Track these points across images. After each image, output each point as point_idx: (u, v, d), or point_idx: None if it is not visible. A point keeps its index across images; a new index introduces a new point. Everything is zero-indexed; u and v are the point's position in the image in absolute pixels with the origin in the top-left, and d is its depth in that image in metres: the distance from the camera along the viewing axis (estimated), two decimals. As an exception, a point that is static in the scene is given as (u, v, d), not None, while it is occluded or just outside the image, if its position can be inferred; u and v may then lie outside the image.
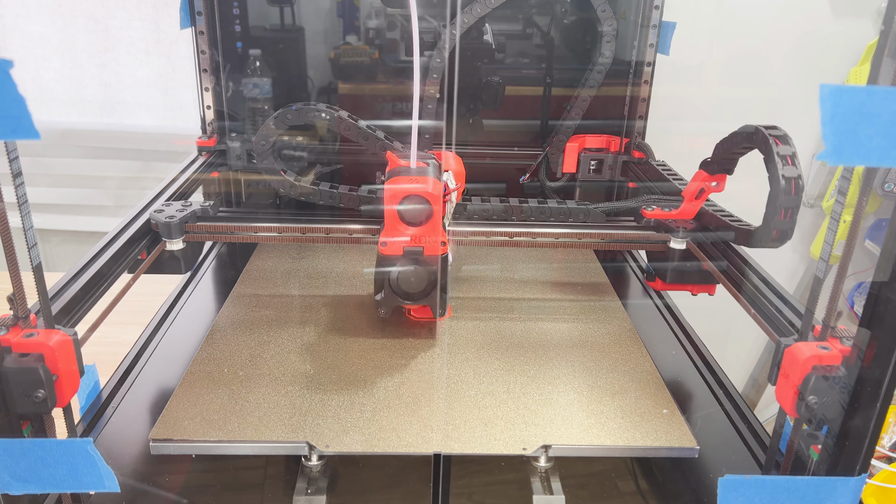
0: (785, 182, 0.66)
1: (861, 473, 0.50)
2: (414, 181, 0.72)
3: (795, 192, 0.66)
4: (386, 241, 0.73)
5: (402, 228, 0.73)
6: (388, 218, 0.73)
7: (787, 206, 0.67)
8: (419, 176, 0.73)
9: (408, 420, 0.65)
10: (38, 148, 1.55)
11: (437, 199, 0.72)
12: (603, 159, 1.14)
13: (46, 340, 0.50)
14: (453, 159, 0.82)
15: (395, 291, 0.75)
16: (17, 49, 1.48)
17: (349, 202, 0.87)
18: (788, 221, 0.68)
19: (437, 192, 0.72)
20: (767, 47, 1.44)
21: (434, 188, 0.72)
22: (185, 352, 0.80)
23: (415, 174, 0.74)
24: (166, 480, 0.63)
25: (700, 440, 0.64)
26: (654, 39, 1.10)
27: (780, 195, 0.66)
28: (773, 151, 0.67)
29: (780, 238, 0.69)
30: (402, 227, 0.73)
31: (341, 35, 1.13)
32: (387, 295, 0.75)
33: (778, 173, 0.66)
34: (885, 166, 0.40)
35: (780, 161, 0.66)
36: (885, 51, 0.45)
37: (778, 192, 0.66)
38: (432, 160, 0.79)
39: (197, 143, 1.10)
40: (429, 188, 0.72)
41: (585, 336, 0.82)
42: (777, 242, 0.70)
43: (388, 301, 0.75)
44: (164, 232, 0.80)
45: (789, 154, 0.67)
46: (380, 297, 0.75)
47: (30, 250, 0.48)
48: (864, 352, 0.48)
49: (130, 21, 1.47)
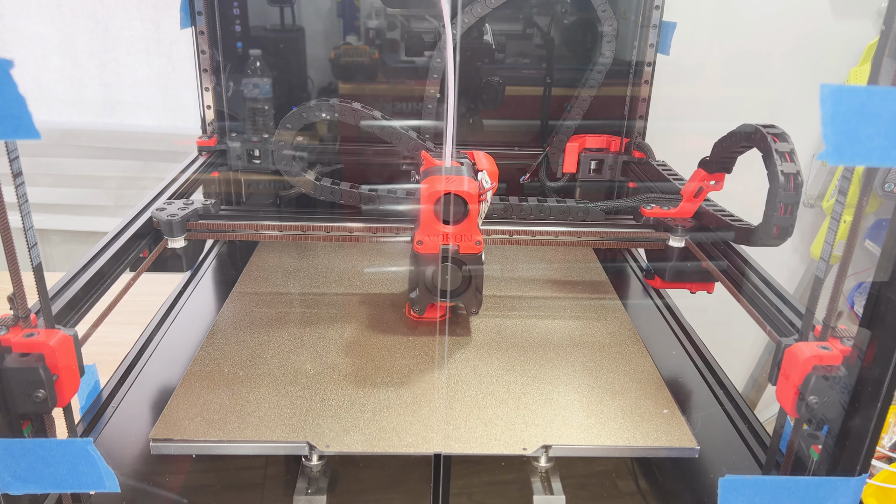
0: (784, 178, 0.66)
1: (861, 473, 0.50)
2: (451, 181, 0.73)
3: (795, 189, 0.66)
4: (422, 239, 0.74)
5: (439, 227, 0.74)
6: (425, 217, 0.74)
7: (786, 202, 0.67)
8: (456, 175, 0.74)
9: (408, 420, 0.65)
10: (38, 148, 1.55)
11: (473, 197, 0.73)
12: (603, 159, 1.14)
13: (47, 340, 0.50)
14: (486, 159, 0.83)
15: (430, 290, 0.76)
16: (17, 49, 1.48)
17: (357, 200, 0.88)
18: (788, 218, 0.68)
19: (473, 190, 0.73)
20: (767, 47, 1.44)
21: (470, 187, 0.73)
22: (185, 352, 0.80)
23: (451, 173, 0.75)
24: (166, 480, 0.63)
25: (700, 440, 0.64)
26: (654, 39, 1.10)
27: (780, 191, 0.66)
28: (772, 148, 0.67)
29: (780, 235, 0.69)
30: (438, 226, 0.74)
31: (341, 35, 1.13)
32: (421, 293, 0.76)
33: (777, 169, 0.66)
34: (885, 166, 0.40)
35: (778, 157, 0.66)
36: (885, 51, 0.45)
37: (777, 188, 0.66)
38: (466, 160, 0.80)
39: (197, 143, 1.10)
40: (465, 187, 0.73)
41: (585, 336, 0.82)
42: (778, 240, 0.70)
43: (423, 299, 0.76)
44: (165, 230, 0.81)
45: (787, 151, 0.67)
46: (414, 296, 0.76)
47: (30, 250, 0.48)
48: (865, 352, 0.48)
49: (131, 21, 1.47)
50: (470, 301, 0.77)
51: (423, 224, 0.74)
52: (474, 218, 0.74)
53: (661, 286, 0.93)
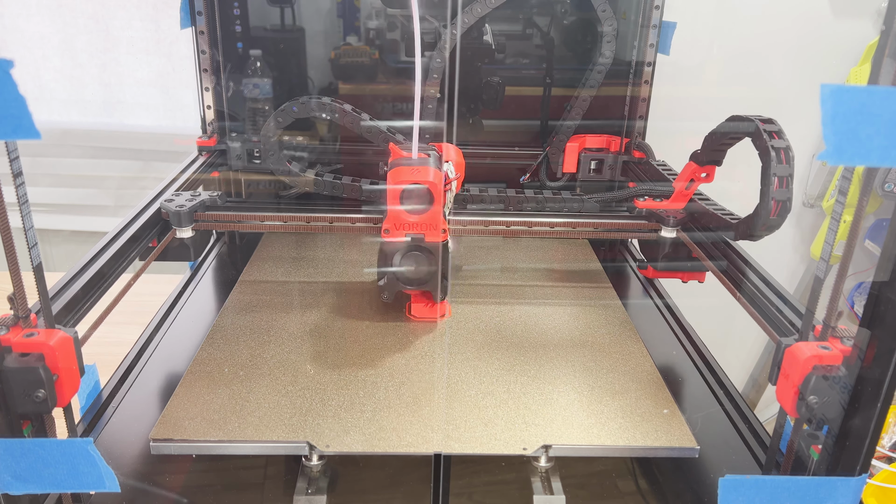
0: (775, 152, 0.67)
1: (861, 473, 0.50)
2: (415, 171, 0.75)
3: (787, 161, 0.67)
4: (388, 228, 0.76)
5: (405, 217, 0.75)
6: (391, 206, 0.75)
7: (780, 175, 0.68)
8: (421, 166, 0.76)
9: (408, 420, 0.65)
10: (38, 148, 1.55)
11: (437, 187, 0.75)
12: (603, 159, 1.14)
13: (47, 340, 0.50)
14: (453, 150, 0.85)
15: (398, 277, 0.77)
16: (17, 49, 1.48)
17: (351, 192, 0.89)
18: (785, 191, 0.68)
19: (438, 181, 0.75)
20: (767, 47, 1.44)
21: (435, 177, 0.75)
22: (185, 352, 0.80)
23: (416, 164, 0.76)
24: (166, 480, 0.63)
25: (700, 440, 0.64)
26: (654, 39, 1.10)
27: (772, 164, 0.68)
28: (760, 129, 0.68)
29: (780, 213, 0.70)
30: (404, 216, 0.75)
31: (341, 35, 1.13)
32: (389, 281, 0.77)
33: (767, 144, 0.67)
34: (885, 166, 0.40)
35: (766, 136, 0.68)
36: (885, 51, 0.45)
37: (769, 161, 0.68)
38: (433, 151, 0.81)
39: (197, 143, 1.10)
40: (430, 177, 0.74)
41: (585, 336, 0.82)
42: (778, 219, 0.70)
43: (391, 286, 0.78)
44: (174, 220, 0.83)
45: (775, 130, 0.68)
46: (382, 283, 0.78)
47: (30, 250, 0.48)
48: (865, 352, 0.48)
49: (131, 21, 1.47)
50: (435, 288, 0.78)
51: (390, 213, 0.76)
52: (439, 207, 0.76)
53: (654, 276, 0.95)
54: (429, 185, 0.74)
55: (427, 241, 0.76)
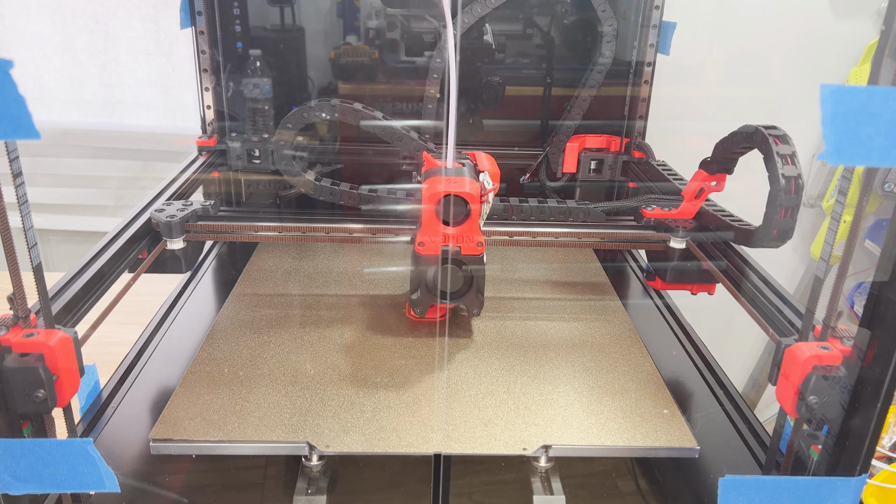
0: (785, 181, 0.66)
1: (861, 473, 0.50)
2: (452, 182, 0.73)
3: (795, 191, 0.66)
4: (423, 241, 0.74)
5: (440, 228, 0.73)
6: (426, 218, 0.73)
7: (787, 206, 0.67)
8: (457, 176, 0.74)
9: (408, 420, 0.65)
10: (38, 148, 1.55)
11: (475, 198, 0.73)
12: (603, 159, 1.14)
13: (47, 340, 0.50)
14: (487, 159, 0.83)
15: (431, 291, 0.75)
16: (17, 49, 1.48)
17: (356, 201, 0.88)
18: (788, 221, 0.68)
19: (475, 191, 0.73)
20: (767, 47, 1.44)
21: (471, 188, 0.73)
22: (185, 352, 0.80)
23: (453, 174, 0.74)
24: (166, 480, 0.63)
25: (700, 440, 0.64)
26: (654, 39, 1.10)
27: (781, 194, 0.66)
28: (773, 151, 0.67)
29: (780, 237, 0.69)
30: (439, 227, 0.74)
31: (341, 35, 1.13)
32: (423, 294, 0.75)
33: (778, 172, 0.66)
34: (885, 166, 0.40)
35: (779, 160, 0.66)
36: (885, 51, 0.45)
37: (778, 191, 0.66)
38: (467, 160, 0.79)
39: (197, 143, 1.10)
40: (466, 188, 0.72)
41: (585, 336, 0.82)
42: (777, 242, 0.70)
43: (424, 301, 0.76)
44: (164, 231, 0.80)
45: (789, 153, 0.67)
46: (416, 297, 0.76)
47: (30, 250, 0.48)
48: (865, 352, 0.48)
49: (131, 21, 1.47)
50: (471, 303, 0.76)
51: (425, 225, 0.74)
52: (476, 219, 0.74)
53: (662, 287, 0.93)
54: (466, 196, 0.72)
55: (463, 254, 0.74)
